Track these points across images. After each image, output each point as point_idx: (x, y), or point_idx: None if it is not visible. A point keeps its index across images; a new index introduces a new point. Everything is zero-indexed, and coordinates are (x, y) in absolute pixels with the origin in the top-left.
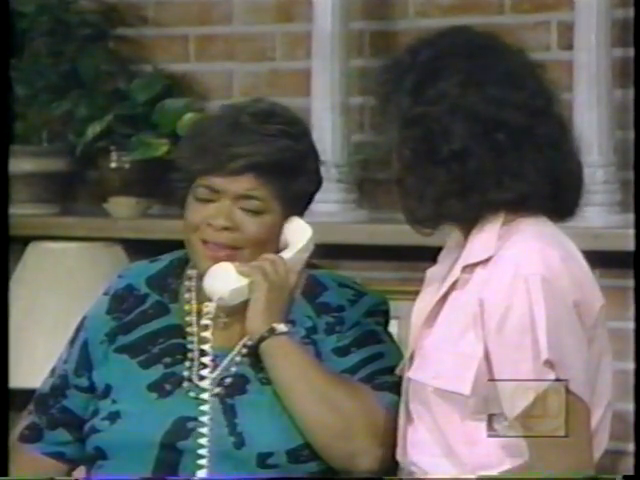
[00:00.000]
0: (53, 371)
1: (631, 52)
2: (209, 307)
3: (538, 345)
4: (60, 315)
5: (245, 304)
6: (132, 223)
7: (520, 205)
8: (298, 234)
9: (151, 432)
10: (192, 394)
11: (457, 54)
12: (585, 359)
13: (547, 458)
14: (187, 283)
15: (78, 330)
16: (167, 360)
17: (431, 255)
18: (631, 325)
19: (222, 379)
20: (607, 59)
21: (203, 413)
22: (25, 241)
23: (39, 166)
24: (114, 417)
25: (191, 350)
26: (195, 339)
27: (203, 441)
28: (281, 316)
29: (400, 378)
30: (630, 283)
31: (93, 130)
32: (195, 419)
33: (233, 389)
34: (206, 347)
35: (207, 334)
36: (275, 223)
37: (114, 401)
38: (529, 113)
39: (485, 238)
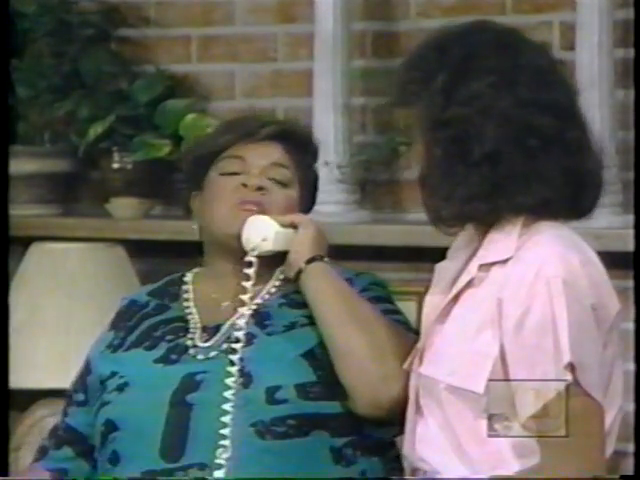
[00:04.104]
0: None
1: (632, 53)
2: (252, 243)
3: (559, 348)
4: (61, 316)
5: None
6: (134, 224)
7: (543, 209)
8: None
9: (160, 394)
10: (200, 357)
11: (487, 53)
12: (600, 362)
13: (561, 460)
14: (185, 287)
15: (86, 356)
16: (170, 337)
17: (433, 256)
18: (631, 326)
19: (228, 337)
20: (609, 60)
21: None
22: (27, 242)
23: (41, 167)
24: (122, 387)
25: (193, 327)
26: (196, 317)
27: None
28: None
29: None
30: (630, 284)
31: (95, 131)
32: (202, 372)
33: (240, 343)
34: (248, 284)
35: (250, 271)
36: (295, 201)
37: (121, 376)
38: (558, 115)
39: (504, 238)
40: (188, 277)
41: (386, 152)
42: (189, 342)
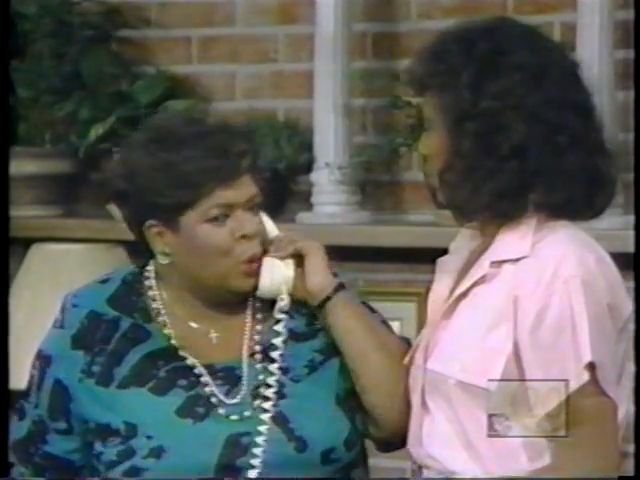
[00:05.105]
0: (23, 414)
1: (632, 54)
2: (284, 300)
3: (579, 347)
4: None
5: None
6: None
7: (564, 207)
8: (271, 227)
9: (204, 457)
10: (234, 417)
11: (514, 49)
12: (615, 361)
13: (576, 459)
14: (154, 305)
15: (42, 371)
16: (183, 383)
17: (433, 257)
18: (631, 327)
19: (255, 389)
20: (609, 61)
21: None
22: (28, 243)
23: (42, 168)
24: (158, 453)
25: (200, 374)
26: (194, 360)
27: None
28: None
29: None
30: (630, 285)
31: (96, 132)
32: (247, 434)
33: (272, 397)
34: (278, 341)
35: (279, 327)
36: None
37: (149, 437)
38: (582, 115)
39: (519, 236)
40: (153, 290)
41: (386, 153)
42: (214, 400)
